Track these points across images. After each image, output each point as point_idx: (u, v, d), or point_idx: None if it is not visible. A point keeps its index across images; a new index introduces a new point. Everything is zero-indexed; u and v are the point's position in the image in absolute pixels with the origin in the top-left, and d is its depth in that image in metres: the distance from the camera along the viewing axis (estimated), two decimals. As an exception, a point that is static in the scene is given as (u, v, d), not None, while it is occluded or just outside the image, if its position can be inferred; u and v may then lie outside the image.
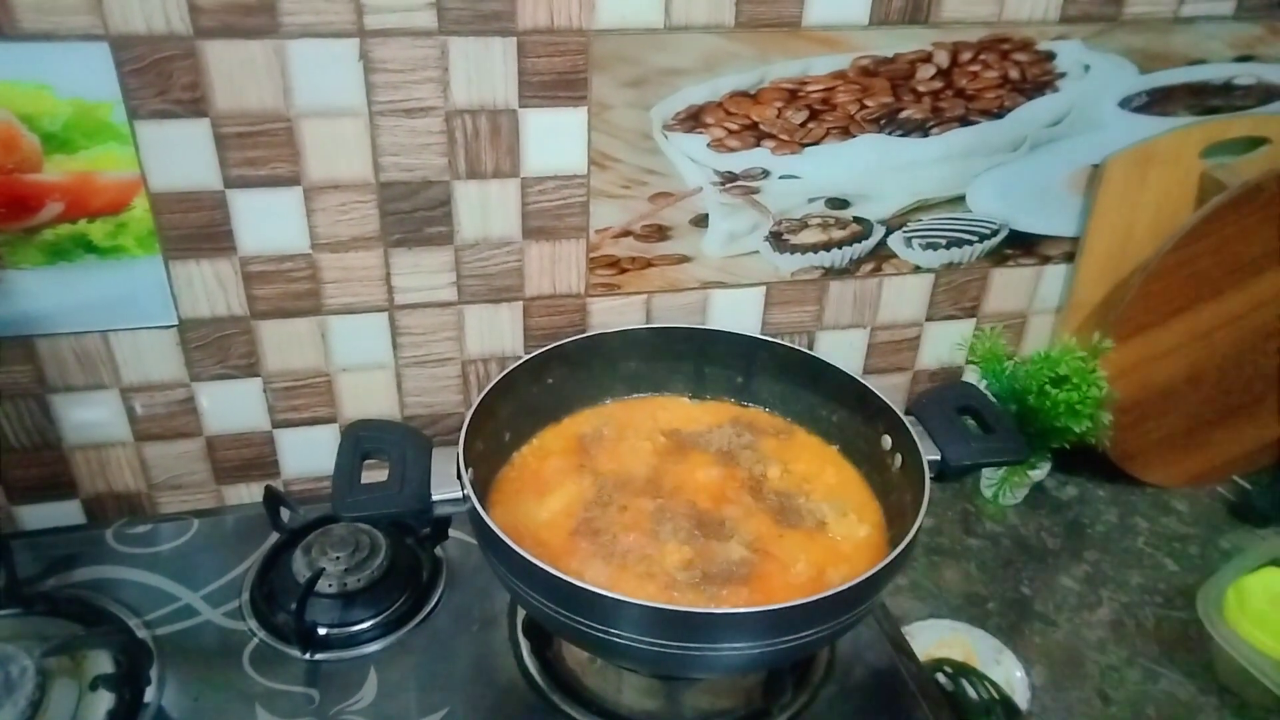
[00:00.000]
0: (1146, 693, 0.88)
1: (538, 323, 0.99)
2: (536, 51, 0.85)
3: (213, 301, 0.89)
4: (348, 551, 0.86)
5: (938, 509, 1.09)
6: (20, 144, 0.77)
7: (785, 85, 0.92)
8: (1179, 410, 1.11)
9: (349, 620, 0.84)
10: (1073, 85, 0.99)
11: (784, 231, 1.01)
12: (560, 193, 0.92)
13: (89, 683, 0.75)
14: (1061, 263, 1.11)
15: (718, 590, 0.71)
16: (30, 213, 0.81)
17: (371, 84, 0.83)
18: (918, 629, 0.92)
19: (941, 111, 0.97)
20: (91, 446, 0.94)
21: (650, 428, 0.87)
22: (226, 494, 1.01)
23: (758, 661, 0.70)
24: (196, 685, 0.78)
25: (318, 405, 0.98)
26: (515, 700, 0.78)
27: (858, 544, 0.76)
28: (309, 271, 0.90)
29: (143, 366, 0.91)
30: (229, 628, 0.84)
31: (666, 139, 0.92)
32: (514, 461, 0.83)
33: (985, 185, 1.03)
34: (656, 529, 0.75)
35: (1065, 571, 1.01)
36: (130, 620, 0.83)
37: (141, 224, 0.84)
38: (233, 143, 0.82)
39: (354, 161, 0.86)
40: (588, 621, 0.63)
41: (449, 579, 0.90)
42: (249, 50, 0.79)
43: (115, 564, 0.90)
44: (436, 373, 1.00)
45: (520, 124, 0.88)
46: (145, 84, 0.78)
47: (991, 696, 0.83)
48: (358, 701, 0.77)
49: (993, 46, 0.95)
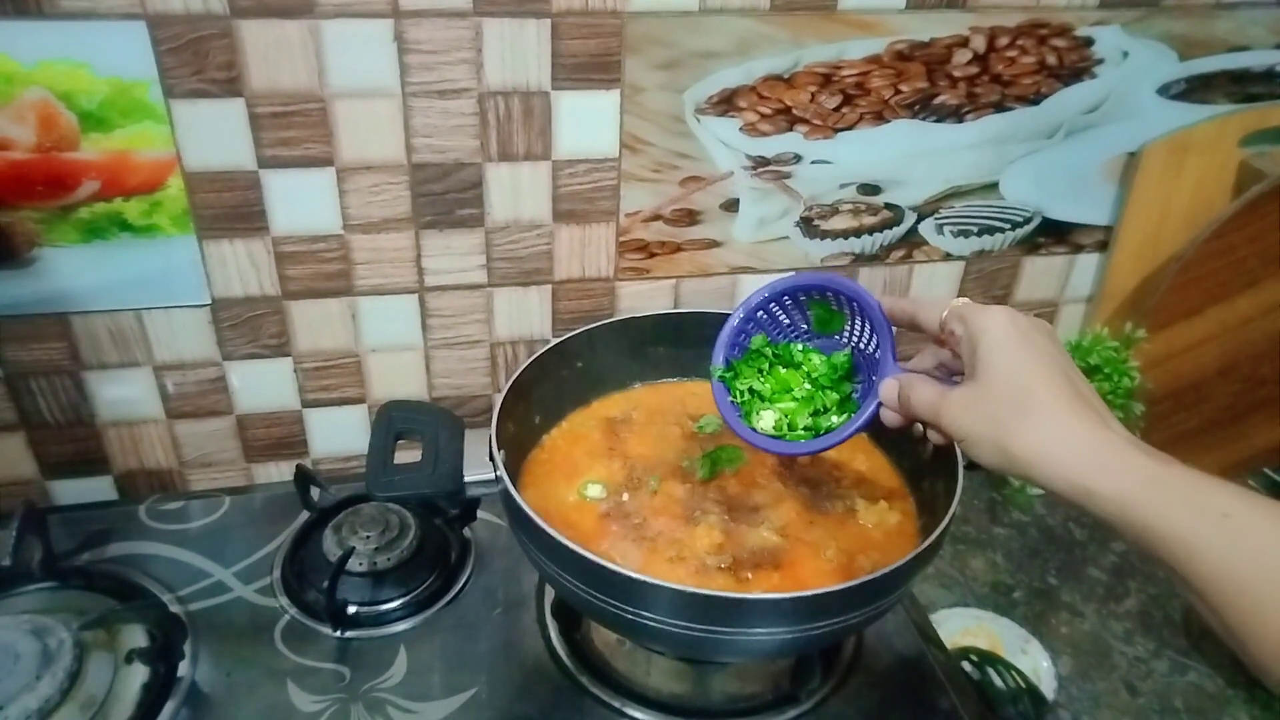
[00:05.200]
0: (1174, 684, 0.87)
1: (566, 306, 0.99)
2: (570, 33, 0.84)
3: (245, 281, 0.90)
4: (378, 531, 0.87)
5: (965, 498, 1.06)
6: (58, 122, 0.78)
7: (819, 69, 0.91)
8: (1210, 401, 1.10)
9: (379, 599, 0.84)
10: (1111, 72, 0.98)
11: (815, 217, 1.00)
12: (591, 176, 0.92)
13: (124, 656, 0.76)
14: (1094, 251, 1.10)
15: (747, 575, 0.71)
16: (67, 191, 0.81)
17: (405, 65, 0.83)
18: (944, 617, 0.92)
19: (977, 97, 0.96)
20: (124, 423, 0.95)
21: (679, 412, 0.87)
22: (256, 472, 1.02)
23: (788, 647, 0.70)
24: (229, 661, 0.79)
25: (347, 386, 0.99)
26: (543, 681, 0.79)
27: (888, 531, 0.76)
28: (340, 252, 0.91)
29: (175, 345, 0.92)
30: (260, 604, 0.84)
31: (699, 122, 0.92)
32: (544, 444, 0.83)
33: (1019, 172, 1.02)
34: (687, 513, 0.75)
35: (1092, 562, 1.01)
36: (163, 595, 0.84)
37: (176, 203, 0.84)
38: (267, 123, 0.83)
39: (387, 143, 0.86)
40: (619, 604, 0.63)
41: (477, 560, 0.90)
42: (284, 30, 0.79)
43: (148, 540, 0.91)
44: (465, 355, 1.00)
45: (552, 106, 0.88)
46: (181, 63, 0.78)
47: (1018, 685, 0.83)
48: (388, 679, 0.78)
49: (1030, 32, 0.94)
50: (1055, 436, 0.53)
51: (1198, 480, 0.49)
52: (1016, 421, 0.54)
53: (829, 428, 0.69)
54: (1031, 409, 0.54)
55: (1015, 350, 0.56)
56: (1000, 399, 0.55)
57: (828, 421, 0.69)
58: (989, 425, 0.55)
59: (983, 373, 0.56)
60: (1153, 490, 0.49)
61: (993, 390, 0.56)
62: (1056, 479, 0.52)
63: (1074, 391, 0.54)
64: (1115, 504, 0.50)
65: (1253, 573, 0.46)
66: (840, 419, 0.69)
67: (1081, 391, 0.55)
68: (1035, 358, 0.55)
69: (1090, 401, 0.54)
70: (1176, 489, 0.49)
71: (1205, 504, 0.48)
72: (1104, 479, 0.51)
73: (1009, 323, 0.57)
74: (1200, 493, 0.49)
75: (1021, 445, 0.54)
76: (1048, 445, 0.53)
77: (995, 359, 0.56)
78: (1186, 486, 0.49)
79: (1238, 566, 0.46)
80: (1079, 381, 0.56)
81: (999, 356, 0.56)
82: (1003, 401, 0.55)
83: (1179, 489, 0.49)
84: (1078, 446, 0.52)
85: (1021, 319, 0.57)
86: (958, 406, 0.58)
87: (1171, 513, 0.48)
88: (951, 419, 0.58)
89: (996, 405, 0.55)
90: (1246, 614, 0.46)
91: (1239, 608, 0.46)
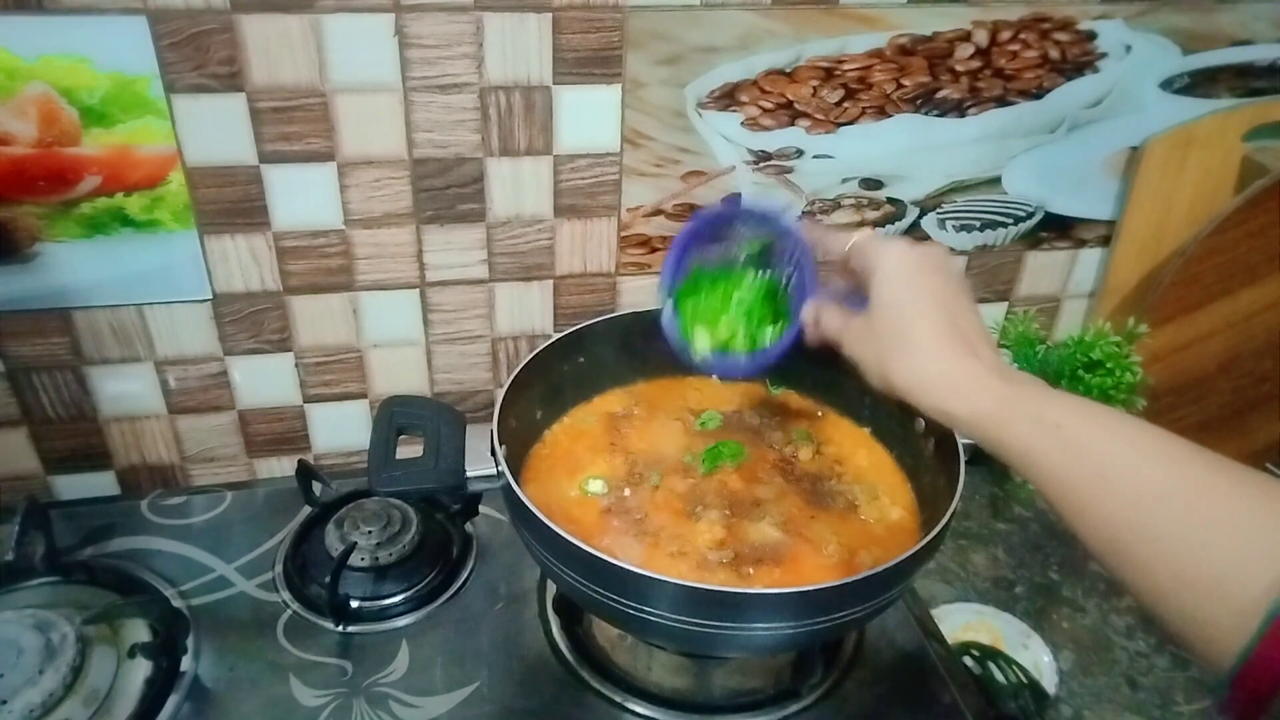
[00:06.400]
0: (1175, 680, 0.87)
1: (568, 301, 0.99)
2: (571, 28, 0.84)
3: (247, 276, 0.90)
4: (379, 526, 0.87)
5: (966, 493, 1.07)
6: (59, 117, 0.78)
7: (821, 64, 0.91)
8: (1212, 397, 1.10)
9: (381, 594, 0.85)
10: (1113, 66, 0.98)
11: (817, 212, 1.00)
12: (593, 171, 0.92)
13: (127, 650, 0.76)
14: (1097, 246, 1.10)
15: (749, 570, 0.71)
16: (68, 186, 0.81)
17: (406, 59, 0.83)
18: (945, 612, 0.92)
19: (979, 92, 0.96)
20: (126, 418, 0.95)
21: (681, 408, 0.87)
22: (258, 467, 1.03)
23: (789, 642, 0.70)
24: (232, 655, 0.79)
25: (349, 381, 0.99)
26: (545, 676, 0.79)
27: (890, 526, 0.76)
28: (342, 247, 0.91)
29: (177, 340, 0.92)
30: (262, 599, 0.85)
31: (700, 117, 0.91)
32: (546, 439, 0.83)
33: (1021, 167, 1.02)
34: (688, 508, 0.75)
35: (1094, 557, 1.00)
36: (166, 590, 0.84)
37: (177, 198, 0.84)
38: (268, 117, 0.83)
39: (388, 137, 0.86)
40: (620, 599, 0.64)
41: (479, 555, 0.90)
42: (285, 25, 0.79)
43: (150, 534, 0.91)
44: (466, 350, 1.00)
45: (554, 101, 0.87)
46: (183, 58, 0.78)
47: (1019, 680, 0.83)
48: (390, 674, 0.78)
49: (1033, 26, 0.93)
50: (925, 368, 0.59)
51: (1042, 398, 0.56)
52: (895, 353, 0.61)
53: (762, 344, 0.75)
54: (908, 343, 0.60)
55: (901, 286, 0.61)
56: (884, 333, 0.61)
57: (762, 337, 0.75)
58: (874, 355, 0.62)
59: (873, 306, 0.62)
60: (1002, 410, 0.56)
61: (879, 324, 0.62)
62: (924, 405, 0.59)
63: (948, 325, 0.60)
64: (971, 425, 0.57)
65: (1079, 474, 0.52)
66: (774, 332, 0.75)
67: (957, 324, 0.60)
68: (918, 294, 0.61)
69: (963, 333, 0.60)
70: (1022, 408, 0.55)
71: (1043, 418, 0.54)
72: (961, 404, 0.58)
73: (899, 260, 0.62)
74: (1041, 408, 0.55)
75: (897, 375, 0.60)
76: (918, 375, 0.60)
77: (883, 294, 0.62)
78: (1031, 404, 0.55)
79: (1068, 470, 0.52)
80: (958, 314, 0.61)
81: (886, 292, 0.62)
82: (886, 335, 0.61)
83: (1024, 408, 0.55)
84: (943, 376, 0.59)
85: (913, 254, 0.62)
86: (853, 335, 0.65)
87: (1016, 429, 0.55)
88: (849, 346, 0.65)
89: (881, 338, 0.62)
90: (1076, 510, 0.52)
91: (1071, 506, 0.52)
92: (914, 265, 0.62)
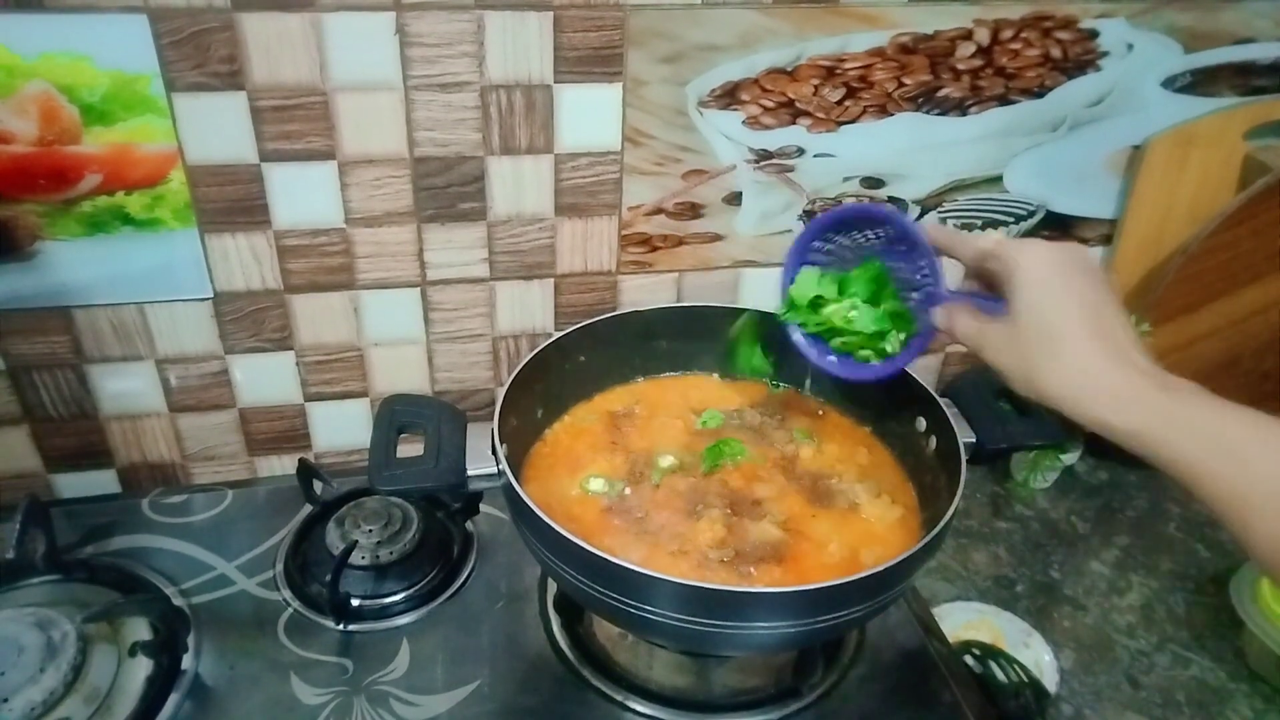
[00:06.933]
0: (1176, 678, 0.87)
1: (569, 300, 0.99)
2: (572, 26, 0.84)
3: (247, 275, 0.90)
4: (380, 524, 0.87)
5: (967, 492, 1.06)
6: (60, 115, 0.78)
7: (822, 62, 0.91)
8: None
9: (381, 592, 0.85)
10: (1115, 64, 0.98)
11: (818, 210, 1.00)
12: (593, 169, 0.92)
13: (128, 649, 0.76)
14: (1099, 245, 1.09)
15: (750, 569, 0.71)
16: (69, 184, 0.81)
17: (407, 58, 0.82)
18: (946, 611, 0.92)
19: (981, 90, 0.96)
20: (127, 417, 0.95)
21: (682, 406, 0.87)
22: (259, 465, 1.03)
23: (790, 641, 0.70)
24: (232, 653, 0.79)
25: (349, 379, 0.99)
26: (545, 674, 0.79)
27: (890, 525, 0.76)
28: (343, 246, 0.91)
29: (178, 338, 0.92)
30: (263, 597, 0.85)
31: (701, 116, 0.91)
32: (546, 438, 0.83)
33: (1023, 166, 1.01)
34: (689, 507, 0.75)
35: (1095, 556, 1.01)
36: (167, 588, 0.84)
37: (178, 196, 0.84)
38: (269, 116, 0.82)
39: (389, 136, 0.86)
40: (621, 597, 0.64)
41: (480, 553, 0.90)
42: (286, 23, 0.79)
43: (151, 533, 0.91)
44: (467, 348, 1.00)
45: (555, 100, 0.87)
46: (183, 56, 0.78)
47: (1020, 679, 0.83)
48: (391, 672, 0.78)
49: (1035, 24, 0.93)
50: (1077, 376, 0.57)
51: (1207, 411, 0.53)
52: (1044, 360, 0.58)
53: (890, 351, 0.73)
54: (1057, 349, 0.58)
55: (1045, 290, 0.59)
56: (1030, 338, 0.59)
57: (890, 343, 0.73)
58: (1020, 362, 0.60)
59: (1015, 311, 0.60)
60: (1164, 424, 0.53)
61: (1023, 329, 0.59)
62: (1079, 414, 0.57)
63: (1098, 330, 0.57)
64: (1131, 437, 0.55)
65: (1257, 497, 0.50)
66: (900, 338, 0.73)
67: (1107, 328, 0.57)
68: (1063, 297, 0.58)
69: (1114, 337, 0.57)
70: (1186, 422, 0.53)
71: (1213, 436, 0.52)
72: (1120, 415, 0.55)
73: (1041, 261, 0.60)
74: (1209, 423, 0.53)
75: (1047, 383, 0.58)
76: (1071, 384, 0.57)
77: (1026, 298, 0.59)
78: (1196, 419, 0.53)
79: (1240, 490, 0.51)
80: (1107, 316, 0.58)
81: (1030, 295, 0.59)
82: (1032, 341, 0.59)
83: (1188, 422, 0.53)
84: (1097, 385, 0.56)
85: (1055, 254, 0.60)
86: (994, 342, 0.62)
87: (1181, 445, 0.53)
88: (989, 353, 0.62)
89: (1026, 344, 0.59)
90: (1248, 527, 0.51)
91: (1242, 522, 0.51)
92: (1057, 266, 0.59)
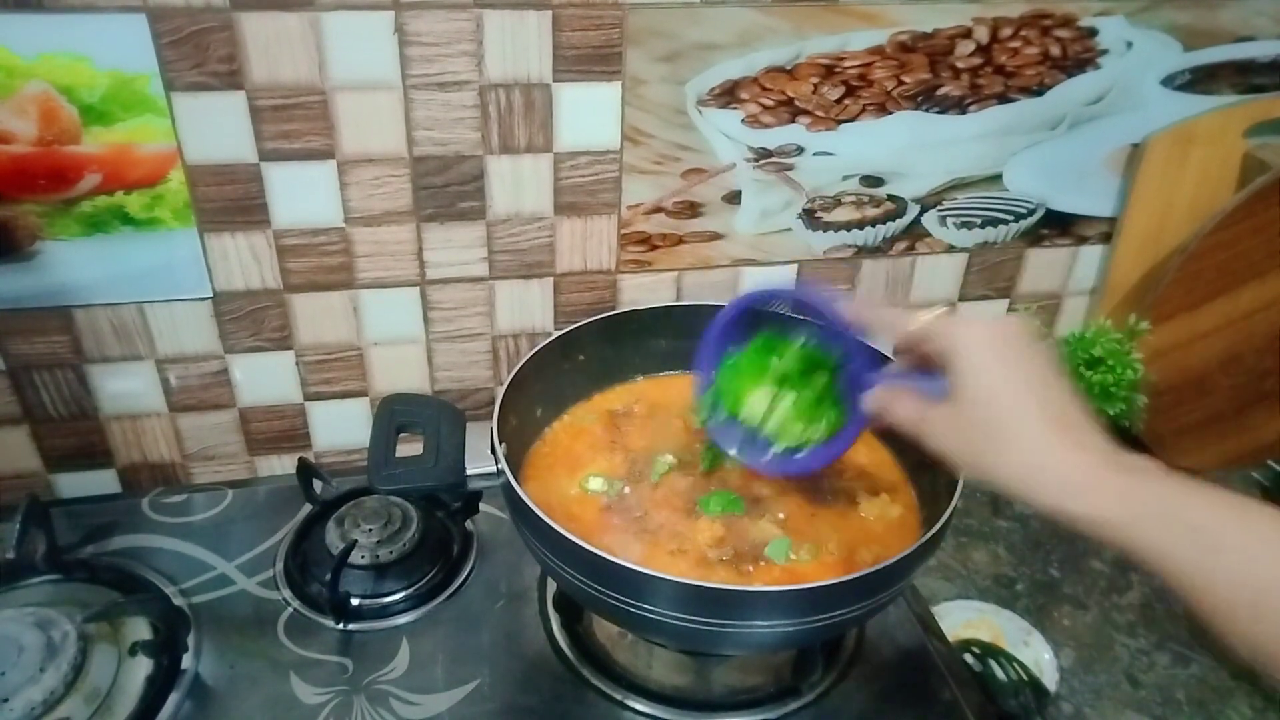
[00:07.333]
0: (1176, 677, 0.87)
1: (568, 299, 0.99)
2: (571, 25, 0.84)
3: (247, 274, 0.90)
4: (380, 524, 0.87)
5: (966, 490, 1.07)
6: (59, 115, 0.78)
7: (822, 61, 0.91)
8: (1214, 394, 1.10)
9: (381, 592, 0.85)
10: (1114, 62, 0.98)
11: (817, 209, 1.00)
12: (593, 168, 0.92)
13: (128, 648, 0.76)
14: (1098, 243, 1.09)
15: (749, 568, 0.71)
16: (69, 184, 0.81)
17: (406, 57, 0.82)
18: (945, 609, 0.91)
19: (980, 89, 0.96)
20: (127, 417, 0.95)
21: (681, 405, 0.87)
22: (259, 465, 1.03)
23: (789, 640, 0.70)
24: (232, 653, 0.79)
25: (349, 379, 0.99)
26: (545, 673, 0.79)
27: (890, 524, 0.76)
28: (342, 245, 0.91)
29: (178, 338, 0.92)
30: (263, 597, 0.85)
31: (700, 114, 0.91)
32: (546, 437, 0.83)
33: (1022, 164, 1.01)
34: (688, 506, 0.75)
35: (1095, 554, 1.00)
36: (167, 588, 0.84)
37: (177, 196, 0.84)
38: (268, 115, 0.82)
39: (388, 135, 0.86)
40: (621, 596, 0.64)
41: (479, 553, 0.90)
42: (285, 23, 0.79)
43: (151, 533, 0.91)
44: (467, 348, 1.00)
45: (554, 98, 0.87)
46: (182, 56, 0.78)
47: (1020, 678, 0.83)
48: (390, 671, 0.78)
49: (1034, 22, 0.93)
50: (1030, 464, 0.53)
51: (1171, 494, 0.50)
52: (994, 449, 0.55)
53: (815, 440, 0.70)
54: (1007, 438, 0.54)
55: (990, 374, 0.55)
56: (975, 425, 0.56)
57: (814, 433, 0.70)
58: (967, 449, 0.56)
59: (960, 397, 0.56)
60: (1126, 509, 0.50)
61: (968, 416, 0.56)
62: (1035, 503, 0.53)
63: (1047, 414, 0.54)
64: (1093, 525, 0.51)
65: (1225, 582, 0.48)
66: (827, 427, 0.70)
67: (1057, 409, 0.54)
68: (1010, 380, 0.55)
69: (1065, 419, 0.54)
70: (1149, 506, 0.50)
71: (1177, 518, 0.49)
72: (1078, 503, 0.52)
73: (982, 342, 0.56)
74: (1172, 507, 0.50)
75: (998, 473, 0.55)
76: (1023, 473, 0.54)
77: (971, 383, 0.56)
78: (1159, 502, 0.50)
79: (1211, 578, 0.48)
80: (1055, 395, 0.55)
81: (975, 380, 0.56)
82: (978, 427, 0.55)
83: (1152, 505, 0.50)
84: (1052, 473, 0.53)
85: (996, 334, 0.56)
86: (938, 427, 0.58)
87: (1146, 530, 0.50)
88: (934, 439, 0.59)
89: (972, 430, 0.56)
90: (1225, 617, 0.48)
91: (1217, 612, 0.48)
92: (999, 343, 0.56)
